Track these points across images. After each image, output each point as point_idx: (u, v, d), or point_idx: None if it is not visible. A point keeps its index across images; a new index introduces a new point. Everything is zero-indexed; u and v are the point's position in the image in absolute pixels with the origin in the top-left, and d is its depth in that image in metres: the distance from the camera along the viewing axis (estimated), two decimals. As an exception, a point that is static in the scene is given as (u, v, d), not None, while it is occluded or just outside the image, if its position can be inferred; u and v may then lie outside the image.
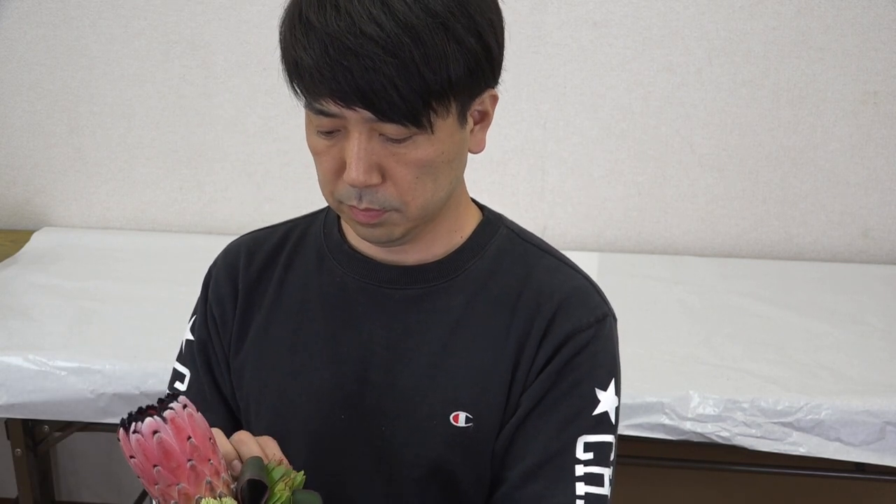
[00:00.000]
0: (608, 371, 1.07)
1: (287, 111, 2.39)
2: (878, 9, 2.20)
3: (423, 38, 0.90)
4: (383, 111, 0.91)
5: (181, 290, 2.02)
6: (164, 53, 2.38)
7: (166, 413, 0.85)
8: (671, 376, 1.81)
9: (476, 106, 0.99)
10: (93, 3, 2.37)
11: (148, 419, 0.84)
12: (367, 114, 0.92)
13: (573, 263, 1.12)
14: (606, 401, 1.06)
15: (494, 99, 1.02)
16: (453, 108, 0.95)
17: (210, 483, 0.86)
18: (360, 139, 0.94)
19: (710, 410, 1.73)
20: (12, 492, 2.27)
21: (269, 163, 2.44)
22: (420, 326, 1.07)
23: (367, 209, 0.98)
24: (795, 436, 1.73)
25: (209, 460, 0.86)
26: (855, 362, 1.87)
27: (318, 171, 1.01)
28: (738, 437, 1.73)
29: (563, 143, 2.36)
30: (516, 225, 1.14)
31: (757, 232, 2.38)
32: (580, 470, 1.04)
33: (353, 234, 1.10)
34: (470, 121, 1.00)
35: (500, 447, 1.07)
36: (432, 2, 0.91)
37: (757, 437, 1.73)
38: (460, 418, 1.05)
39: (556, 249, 1.13)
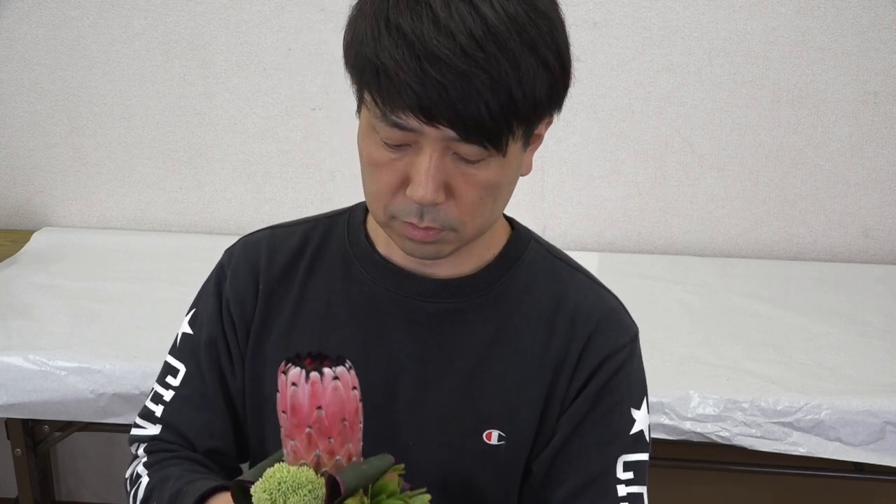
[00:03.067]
0: (641, 390, 1.10)
1: (287, 111, 2.39)
2: (878, 9, 2.20)
3: (517, 59, 0.88)
4: (469, 131, 0.88)
5: (181, 290, 2.01)
6: (164, 53, 2.38)
7: (338, 369, 0.84)
8: (671, 376, 1.81)
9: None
10: (93, 3, 2.37)
11: (327, 370, 0.84)
12: (450, 132, 0.89)
13: (602, 283, 1.13)
14: (641, 420, 1.08)
15: (548, 123, 1.00)
16: (519, 132, 0.93)
17: (318, 457, 0.84)
18: (434, 157, 0.91)
19: (709, 410, 1.73)
20: (12, 492, 2.27)
21: (269, 163, 2.44)
22: (454, 341, 1.05)
23: (427, 228, 0.95)
24: (795, 436, 1.73)
25: (329, 438, 0.84)
26: (855, 362, 1.87)
27: (370, 183, 0.97)
28: (738, 437, 1.74)
29: (563, 143, 2.36)
30: (543, 240, 1.14)
31: (757, 232, 2.38)
32: (622, 490, 1.06)
33: (383, 243, 1.07)
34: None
35: (540, 469, 1.07)
36: (525, 24, 0.89)
37: (757, 437, 1.73)
38: (493, 436, 1.05)
39: (583, 267, 1.13)
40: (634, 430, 1.07)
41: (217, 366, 1.12)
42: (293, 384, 0.83)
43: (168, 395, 1.14)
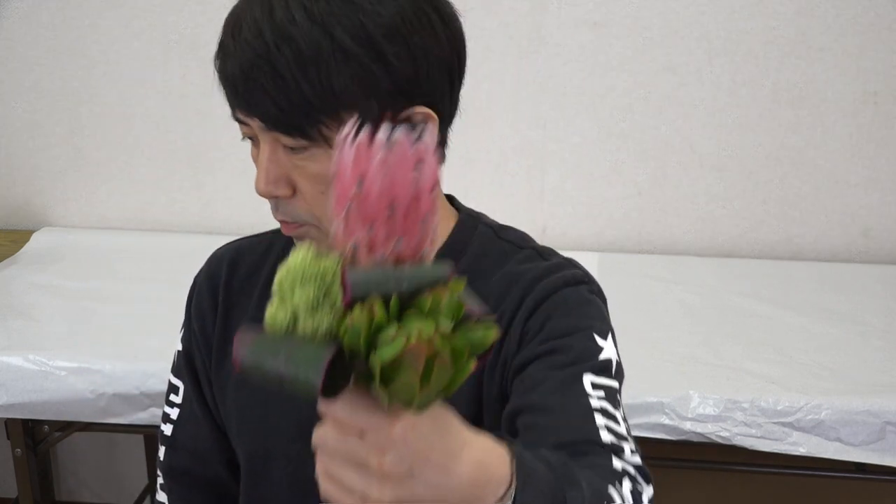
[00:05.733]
0: (605, 324, 1.00)
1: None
2: (878, 9, 2.20)
3: (300, 48, 0.88)
4: (266, 120, 0.91)
5: (181, 290, 2.00)
6: (164, 53, 2.38)
7: (398, 136, 0.63)
8: (671, 376, 1.81)
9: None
10: (93, 3, 2.37)
11: (382, 134, 0.63)
12: (259, 122, 0.92)
13: (555, 252, 1.08)
14: (607, 348, 0.98)
15: (431, 119, 0.96)
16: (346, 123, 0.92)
17: (355, 249, 0.64)
18: (266, 149, 0.94)
19: (710, 410, 1.73)
20: (12, 492, 2.27)
21: (269, 163, 2.44)
22: None
23: (282, 221, 0.98)
24: (795, 436, 1.73)
25: (370, 225, 0.64)
26: (855, 362, 1.87)
27: None
28: (738, 437, 1.73)
29: (563, 143, 2.36)
30: (496, 222, 1.11)
31: (757, 232, 2.38)
32: (595, 403, 0.92)
33: None
34: None
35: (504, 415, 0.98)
36: (317, 9, 0.89)
37: (757, 437, 1.73)
38: None
39: (537, 243, 1.09)
40: (602, 356, 0.96)
41: (196, 381, 1.14)
42: (344, 143, 0.64)
43: (174, 413, 1.16)
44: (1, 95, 2.46)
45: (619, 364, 0.99)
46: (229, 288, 1.12)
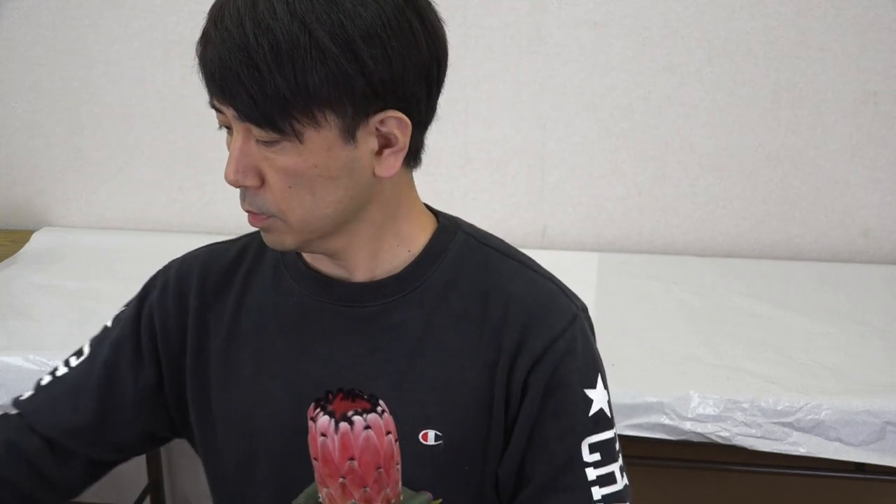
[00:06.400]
0: (592, 368, 1.06)
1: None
2: (878, 9, 2.20)
3: (278, 40, 0.89)
4: (240, 110, 0.92)
5: (181, 290, 2.01)
6: (164, 53, 2.38)
7: (370, 417, 0.80)
8: (671, 376, 1.81)
9: (375, 126, 0.95)
10: (93, 3, 2.37)
11: (357, 418, 0.80)
12: (233, 111, 0.93)
13: (537, 265, 1.10)
14: (598, 398, 1.05)
15: (403, 124, 0.96)
16: (332, 122, 0.92)
17: None
18: (239, 138, 0.95)
19: (710, 410, 1.73)
20: (12, 492, 2.27)
21: (269, 163, 2.44)
22: (381, 344, 1.04)
23: (248, 211, 0.99)
24: (795, 436, 1.73)
25: (364, 487, 0.81)
26: (855, 362, 1.87)
27: None
28: (738, 437, 1.73)
29: (563, 143, 2.36)
30: (477, 229, 1.11)
31: (757, 232, 2.38)
32: (591, 474, 1.03)
33: (308, 253, 1.07)
34: (372, 142, 0.96)
35: (508, 473, 1.06)
36: (302, 8, 0.89)
37: (757, 437, 1.73)
38: (430, 436, 1.03)
39: (518, 252, 1.11)
40: (593, 410, 1.04)
41: (112, 365, 1.13)
42: (322, 434, 0.80)
43: (60, 371, 1.18)
44: (1, 95, 2.46)
45: (609, 406, 1.07)
46: (203, 291, 1.11)
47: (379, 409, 0.82)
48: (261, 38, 0.89)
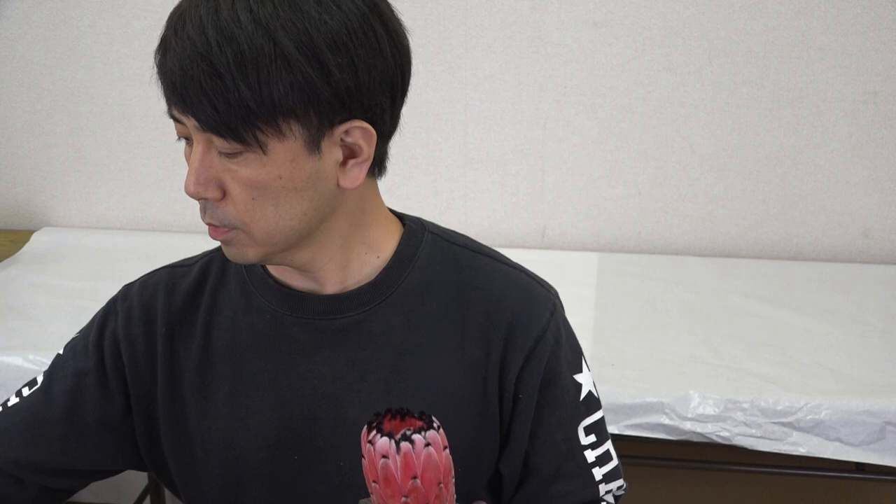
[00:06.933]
0: (576, 353, 1.10)
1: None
2: (878, 9, 2.20)
3: (242, 50, 0.87)
4: (201, 120, 0.89)
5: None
6: (164, 53, 2.38)
7: (429, 434, 0.82)
8: (671, 376, 1.81)
9: (340, 137, 0.94)
10: (93, 3, 2.37)
11: (417, 437, 0.81)
12: (193, 121, 0.90)
13: (505, 258, 1.10)
14: (585, 381, 1.09)
15: (368, 135, 0.95)
16: (296, 133, 0.91)
17: None
18: (199, 149, 0.92)
19: (710, 410, 1.73)
20: (12, 492, 2.27)
21: (269, 163, 2.44)
22: (364, 353, 1.03)
23: (210, 224, 0.96)
24: (795, 436, 1.73)
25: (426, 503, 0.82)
26: (855, 362, 1.87)
27: None
28: (738, 437, 1.74)
29: (563, 143, 2.36)
30: (439, 227, 1.11)
31: (757, 232, 2.38)
32: (590, 455, 1.07)
33: (274, 268, 1.06)
34: (336, 153, 0.94)
35: (512, 469, 1.07)
36: (266, 15, 0.88)
37: (757, 437, 1.73)
38: None
39: (484, 246, 1.11)
40: (583, 394, 1.08)
41: (73, 397, 1.08)
42: (383, 456, 0.80)
43: (12, 402, 1.12)
44: (1, 95, 2.46)
45: (594, 386, 1.10)
46: (169, 315, 1.08)
47: (435, 424, 0.83)
48: (224, 46, 0.87)
